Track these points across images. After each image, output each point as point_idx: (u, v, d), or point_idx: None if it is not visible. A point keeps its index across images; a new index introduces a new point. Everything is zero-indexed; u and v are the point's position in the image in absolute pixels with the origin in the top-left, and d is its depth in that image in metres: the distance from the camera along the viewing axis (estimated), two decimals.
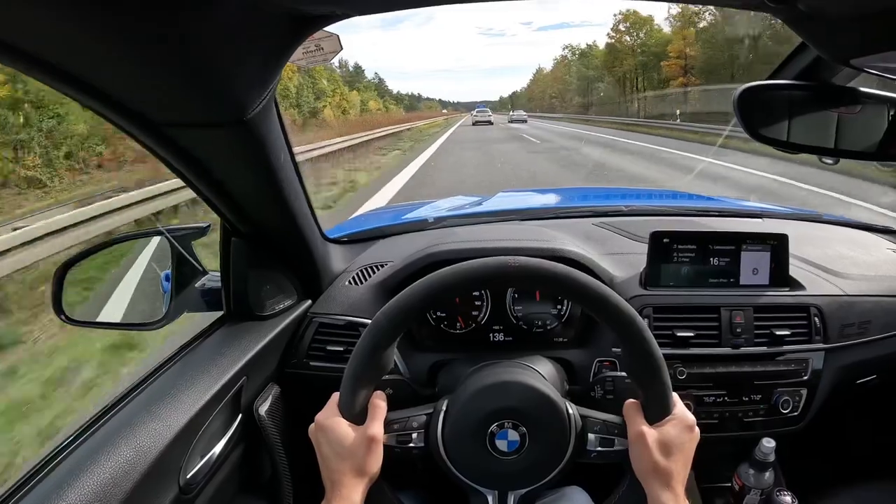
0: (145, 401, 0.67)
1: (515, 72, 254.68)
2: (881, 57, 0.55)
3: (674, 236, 0.95)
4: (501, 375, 0.68)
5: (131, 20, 0.38)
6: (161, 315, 0.85)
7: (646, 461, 0.60)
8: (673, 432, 0.61)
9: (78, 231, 4.50)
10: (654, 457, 0.59)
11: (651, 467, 0.60)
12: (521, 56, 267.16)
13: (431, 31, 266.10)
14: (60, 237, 4.33)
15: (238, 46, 0.47)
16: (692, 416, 0.63)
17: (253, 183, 0.72)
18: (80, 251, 0.87)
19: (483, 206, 1.35)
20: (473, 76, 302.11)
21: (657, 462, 0.59)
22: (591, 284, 0.62)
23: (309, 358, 0.93)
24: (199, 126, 0.57)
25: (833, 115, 0.78)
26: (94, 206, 5.11)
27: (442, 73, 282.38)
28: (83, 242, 4.28)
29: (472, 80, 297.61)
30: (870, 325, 0.97)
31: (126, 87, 0.49)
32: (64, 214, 4.80)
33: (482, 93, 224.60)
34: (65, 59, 0.42)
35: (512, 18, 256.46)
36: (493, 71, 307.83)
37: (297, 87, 35.00)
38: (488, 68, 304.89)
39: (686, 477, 0.62)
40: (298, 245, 0.88)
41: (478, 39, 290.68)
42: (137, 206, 5.35)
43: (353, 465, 0.60)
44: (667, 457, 0.60)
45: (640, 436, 0.61)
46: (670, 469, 0.59)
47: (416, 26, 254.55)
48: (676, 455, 0.60)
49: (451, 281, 0.62)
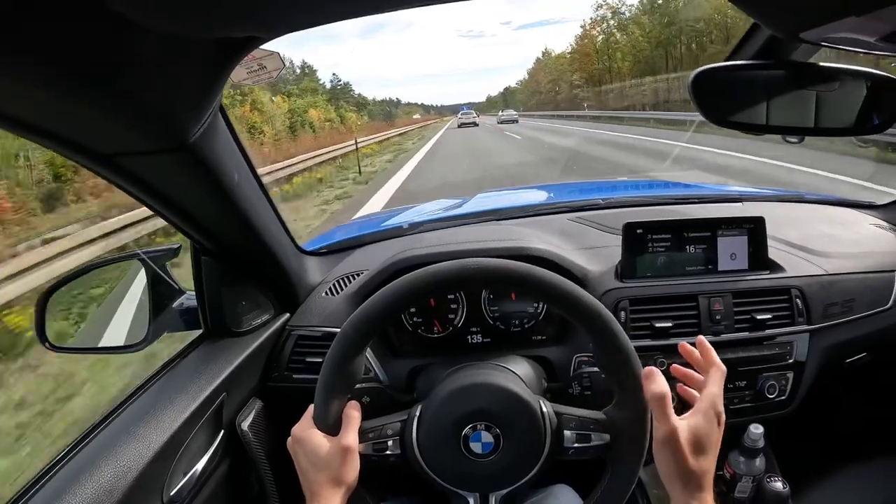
0: (125, 422, 0.68)
1: (499, 72, 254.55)
2: (829, 28, 0.54)
3: (647, 226, 0.95)
4: (472, 378, 0.68)
5: (56, 64, 0.39)
6: (141, 338, 0.87)
7: (678, 464, 0.54)
8: (704, 424, 0.55)
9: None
10: (687, 458, 0.54)
11: (683, 471, 0.54)
12: (503, 56, 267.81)
13: (411, 36, 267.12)
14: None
15: (167, 76, 0.47)
16: (721, 404, 0.58)
17: (211, 204, 0.72)
18: (59, 278, 0.89)
19: (461, 209, 1.35)
20: (459, 79, 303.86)
21: (689, 465, 0.54)
22: (553, 280, 0.62)
23: (290, 371, 0.94)
24: (144, 154, 0.58)
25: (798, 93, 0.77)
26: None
27: (426, 77, 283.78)
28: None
29: (457, 82, 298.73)
30: (854, 302, 0.96)
31: (67, 122, 0.50)
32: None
33: (468, 94, 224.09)
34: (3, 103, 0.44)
35: (491, 19, 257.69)
36: (476, 73, 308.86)
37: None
38: (472, 70, 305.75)
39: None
40: (270, 260, 0.88)
41: (459, 42, 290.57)
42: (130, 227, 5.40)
43: (329, 475, 0.60)
44: (698, 455, 0.54)
45: (673, 434, 0.54)
46: (704, 470, 0.54)
47: (395, 33, 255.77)
48: (709, 453, 0.55)
49: (412, 287, 0.62)
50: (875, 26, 0.49)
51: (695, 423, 0.55)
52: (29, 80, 0.40)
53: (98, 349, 0.94)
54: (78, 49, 0.38)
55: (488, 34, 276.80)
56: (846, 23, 0.49)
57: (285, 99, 28.59)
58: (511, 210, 1.24)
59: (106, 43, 0.39)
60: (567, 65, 55.18)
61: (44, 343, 0.85)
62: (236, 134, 0.70)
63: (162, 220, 0.74)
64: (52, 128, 0.49)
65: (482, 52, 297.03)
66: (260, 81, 0.69)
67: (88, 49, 0.39)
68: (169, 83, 0.48)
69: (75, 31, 0.36)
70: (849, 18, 0.47)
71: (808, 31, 0.57)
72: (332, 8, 0.43)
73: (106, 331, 0.94)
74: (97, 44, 0.39)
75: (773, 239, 0.98)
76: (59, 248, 4.62)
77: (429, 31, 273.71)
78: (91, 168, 0.58)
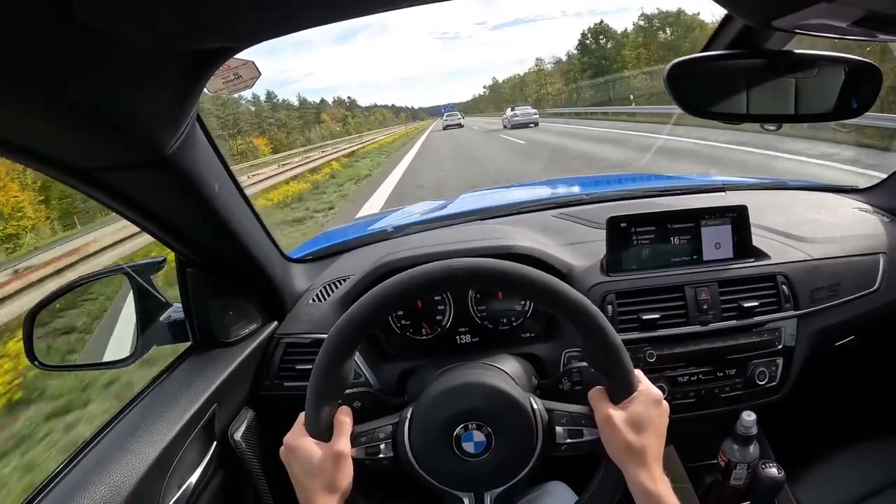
0: (117, 437, 0.68)
1: (478, 73, 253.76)
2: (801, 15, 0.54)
3: (631, 219, 0.95)
4: (462, 378, 0.68)
5: (24, 76, 0.38)
6: (129, 352, 0.86)
7: (618, 442, 0.60)
8: (640, 409, 0.61)
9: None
10: (624, 436, 0.59)
11: (624, 447, 0.59)
12: (480, 57, 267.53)
13: (387, 41, 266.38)
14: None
15: (141, 89, 0.47)
16: (658, 391, 0.63)
17: (193, 215, 0.72)
18: (46, 295, 0.88)
19: (445, 210, 1.35)
20: (438, 81, 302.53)
21: (629, 441, 0.59)
22: (537, 277, 0.61)
23: (281, 379, 0.93)
24: (122, 168, 0.57)
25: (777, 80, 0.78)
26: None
27: (405, 81, 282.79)
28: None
29: (436, 85, 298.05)
30: (840, 286, 0.96)
31: (42, 138, 0.49)
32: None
33: (447, 97, 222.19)
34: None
35: (465, 19, 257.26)
36: (454, 73, 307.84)
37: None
38: (448, 72, 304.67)
39: (661, 453, 0.61)
40: (255, 269, 0.88)
41: (434, 44, 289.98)
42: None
43: (322, 482, 0.60)
44: (638, 434, 0.59)
45: (608, 418, 0.60)
46: (643, 445, 0.59)
47: (371, 38, 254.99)
48: (647, 431, 0.60)
49: (398, 290, 0.62)
50: (847, 11, 0.49)
51: (631, 408, 0.61)
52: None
53: (87, 366, 0.94)
54: (46, 61, 0.38)
55: (464, 35, 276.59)
56: (818, 9, 0.49)
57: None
58: (495, 209, 1.25)
59: (75, 54, 0.39)
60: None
61: (32, 361, 0.84)
62: (215, 143, 0.70)
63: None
64: (26, 144, 0.49)
65: (457, 55, 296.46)
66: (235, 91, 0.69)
67: (57, 61, 0.38)
68: (143, 96, 0.48)
69: (41, 42, 0.36)
70: (820, 4, 0.47)
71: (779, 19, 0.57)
72: (303, 15, 0.43)
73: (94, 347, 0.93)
74: (66, 55, 0.38)
75: (756, 227, 0.98)
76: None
77: (405, 34, 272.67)
78: (69, 184, 0.57)
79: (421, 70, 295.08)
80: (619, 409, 0.61)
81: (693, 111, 0.76)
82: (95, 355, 0.97)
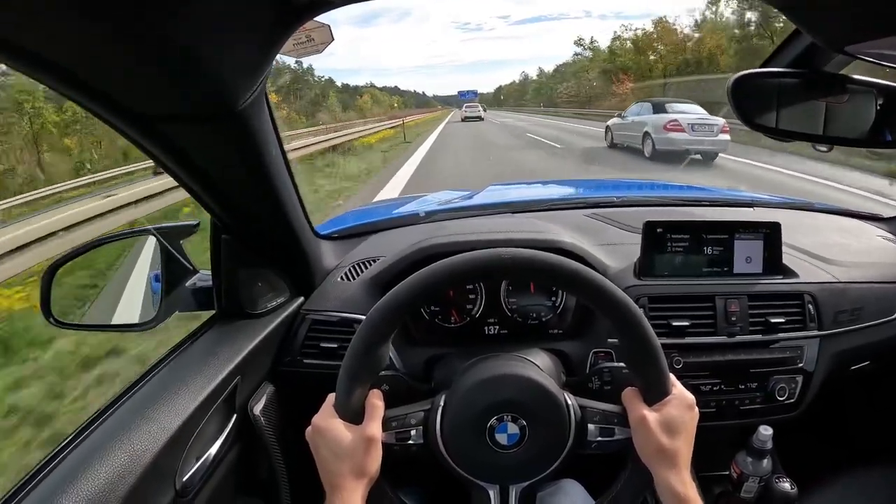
0: (139, 403, 0.66)
1: (499, 66, 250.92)
2: (875, 44, 0.55)
3: (667, 226, 0.95)
4: (499, 368, 0.67)
5: (117, 11, 0.37)
6: (152, 316, 0.84)
7: (651, 444, 0.60)
8: (674, 412, 0.61)
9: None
10: (658, 439, 0.59)
11: (656, 449, 0.59)
12: (500, 50, 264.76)
13: (408, 27, 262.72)
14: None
15: (227, 36, 0.45)
16: (691, 395, 0.63)
17: (244, 178, 0.70)
18: (66, 252, 0.85)
19: (474, 200, 1.34)
20: (457, 70, 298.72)
21: (661, 443, 0.59)
22: (586, 273, 0.61)
23: (303, 356, 0.92)
24: (189, 119, 0.55)
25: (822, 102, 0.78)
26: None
27: (423, 69, 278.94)
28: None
29: (452, 74, 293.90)
30: (862, 311, 0.98)
31: (113, 80, 0.47)
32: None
33: (466, 86, 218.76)
34: (51, 52, 0.41)
35: (488, 12, 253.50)
36: (473, 66, 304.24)
37: None
38: (468, 63, 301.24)
39: (690, 456, 0.61)
40: (290, 241, 0.86)
41: (455, 34, 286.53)
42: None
43: (352, 466, 0.59)
44: (671, 437, 0.59)
45: (642, 419, 0.60)
46: (675, 449, 0.59)
47: (392, 22, 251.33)
48: (680, 434, 0.60)
49: (445, 275, 0.61)
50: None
51: (665, 411, 0.61)
52: (84, 26, 0.37)
53: (106, 326, 0.91)
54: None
55: (486, 28, 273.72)
56: (891, 40, 0.50)
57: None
58: (526, 203, 1.24)
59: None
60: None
61: (48, 318, 0.81)
62: (272, 110, 0.68)
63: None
64: (99, 86, 0.47)
65: (479, 46, 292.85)
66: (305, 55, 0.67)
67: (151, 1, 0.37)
68: (231, 40, 0.46)
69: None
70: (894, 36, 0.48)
71: (853, 45, 0.57)
72: None
73: (114, 308, 0.90)
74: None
75: (785, 245, 0.99)
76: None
77: (427, 21, 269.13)
78: (126, 132, 0.55)
79: (441, 59, 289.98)
80: (654, 411, 0.61)
81: (750, 123, 0.76)
82: (108, 316, 0.94)
